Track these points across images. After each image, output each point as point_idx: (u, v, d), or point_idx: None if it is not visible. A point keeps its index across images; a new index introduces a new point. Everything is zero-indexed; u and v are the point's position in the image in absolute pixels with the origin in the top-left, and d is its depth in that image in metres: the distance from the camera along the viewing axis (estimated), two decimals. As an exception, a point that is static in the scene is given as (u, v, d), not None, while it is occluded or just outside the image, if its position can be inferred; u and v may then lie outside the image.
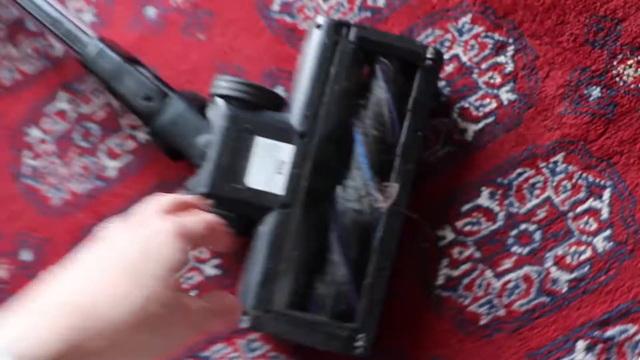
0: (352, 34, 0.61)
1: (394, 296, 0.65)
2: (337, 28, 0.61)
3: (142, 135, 0.69)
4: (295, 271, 0.61)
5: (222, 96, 0.62)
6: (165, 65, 0.68)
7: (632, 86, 0.65)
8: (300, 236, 0.61)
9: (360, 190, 0.61)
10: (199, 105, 0.64)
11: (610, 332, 0.64)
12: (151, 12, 0.69)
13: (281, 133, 0.61)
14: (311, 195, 0.61)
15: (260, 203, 0.61)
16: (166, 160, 0.65)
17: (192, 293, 0.68)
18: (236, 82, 0.62)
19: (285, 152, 0.61)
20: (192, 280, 0.68)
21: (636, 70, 0.66)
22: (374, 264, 0.61)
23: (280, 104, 0.64)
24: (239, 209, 0.61)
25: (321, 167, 0.61)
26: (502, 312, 0.65)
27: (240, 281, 0.63)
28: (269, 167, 0.61)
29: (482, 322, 0.65)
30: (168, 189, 0.67)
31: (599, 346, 0.64)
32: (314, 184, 0.61)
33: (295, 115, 0.62)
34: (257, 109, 0.62)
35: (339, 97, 0.61)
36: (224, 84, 0.62)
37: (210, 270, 0.68)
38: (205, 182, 0.61)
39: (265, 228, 0.61)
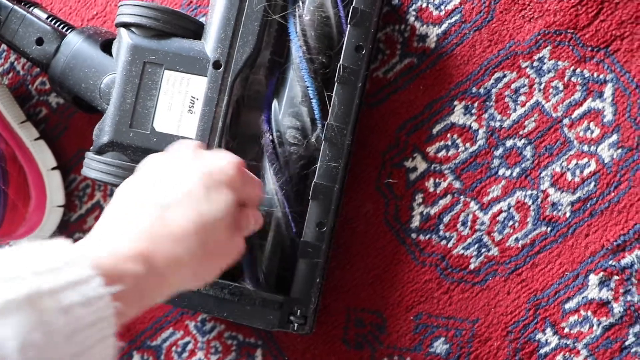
0: None
1: (361, 247, 0.57)
2: None
3: (55, 99, 0.63)
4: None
5: (125, 25, 0.54)
6: (72, 13, 0.62)
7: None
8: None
9: (299, 103, 0.52)
10: (104, 42, 0.56)
11: (627, 259, 0.54)
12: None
13: (192, 64, 0.52)
14: (234, 134, 0.52)
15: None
16: (83, 121, 0.59)
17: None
18: (140, 7, 0.54)
19: (197, 86, 0.52)
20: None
21: None
22: (311, 217, 0.51)
23: (198, 31, 0.55)
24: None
25: (244, 100, 0.53)
26: (494, 252, 0.55)
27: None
28: (179, 106, 0.52)
29: (472, 266, 0.56)
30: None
31: (616, 278, 0.54)
32: (237, 121, 0.52)
33: (208, 40, 0.52)
34: (167, 37, 0.53)
35: (261, 12, 0.51)
36: (126, 10, 0.54)
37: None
38: (107, 128, 0.53)
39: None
